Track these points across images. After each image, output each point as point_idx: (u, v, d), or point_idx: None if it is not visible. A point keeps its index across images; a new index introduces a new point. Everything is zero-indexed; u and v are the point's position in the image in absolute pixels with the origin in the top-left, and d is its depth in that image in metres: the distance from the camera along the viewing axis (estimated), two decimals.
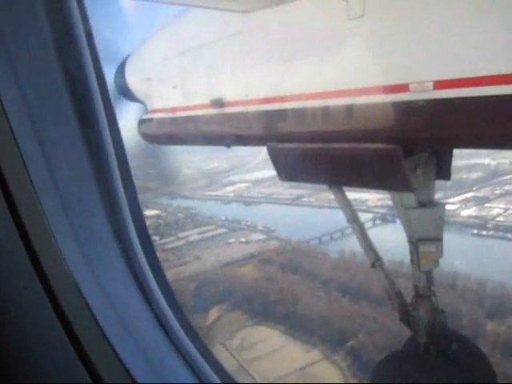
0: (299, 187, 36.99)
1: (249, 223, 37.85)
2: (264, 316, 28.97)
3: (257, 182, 42.32)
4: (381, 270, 7.63)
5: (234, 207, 41.27)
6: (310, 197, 36.86)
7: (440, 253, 6.59)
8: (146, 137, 9.70)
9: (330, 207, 31.92)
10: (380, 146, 5.41)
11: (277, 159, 6.77)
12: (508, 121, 4.30)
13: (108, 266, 1.70)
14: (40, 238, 1.50)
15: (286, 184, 38.81)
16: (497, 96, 4.21)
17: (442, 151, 6.42)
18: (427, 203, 6.42)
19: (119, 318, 1.63)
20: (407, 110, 4.89)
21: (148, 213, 34.28)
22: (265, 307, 29.39)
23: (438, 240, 6.52)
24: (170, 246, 34.93)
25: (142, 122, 9.55)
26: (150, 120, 9.32)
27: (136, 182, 1.95)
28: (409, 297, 7.22)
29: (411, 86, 4.74)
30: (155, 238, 33.38)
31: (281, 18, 6.06)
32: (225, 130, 7.39)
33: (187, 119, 8.04)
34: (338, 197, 7.59)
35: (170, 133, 9.01)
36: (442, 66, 4.61)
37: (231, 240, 36.11)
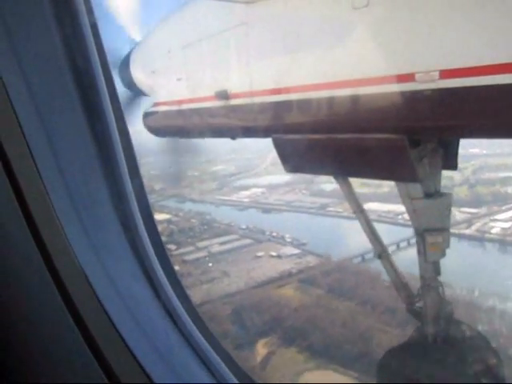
0: (321, 195, 33.89)
1: (274, 234, 33.25)
2: (328, 356, 22.53)
3: (272, 188, 37.98)
4: (387, 261, 7.64)
5: (252, 214, 36.47)
6: (336, 206, 32.21)
7: (447, 243, 6.58)
8: (151, 129, 9.71)
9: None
10: (386, 136, 5.39)
11: (282, 151, 6.76)
12: None
13: (116, 256, 1.71)
14: (49, 230, 1.50)
15: (306, 191, 36.34)
16: (504, 85, 4.18)
17: (449, 141, 6.39)
18: (434, 194, 6.39)
19: (129, 311, 1.63)
20: (413, 99, 4.87)
21: (158, 217, 30.32)
22: (326, 344, 22.96)
23: (445, 230, 6.50)
24: (190, 257, 30.47)
25: (147, 114, 9.56)
26: (155, 113, 9.32)
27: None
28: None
29: (417, 76, 4.71)
30: (171, 246, 29.58)
31: (285, 9, 6.02)
32: (230, 122, 7.38)
33: (192, 111, 8.03)
34: (344, 188, 7.58)
35: (174, 125, 9.02)
36: (447, 55, 4.57)
37: (260, 253, 31.27)
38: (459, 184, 29.96)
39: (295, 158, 6.76)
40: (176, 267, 26.14)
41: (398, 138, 5.30)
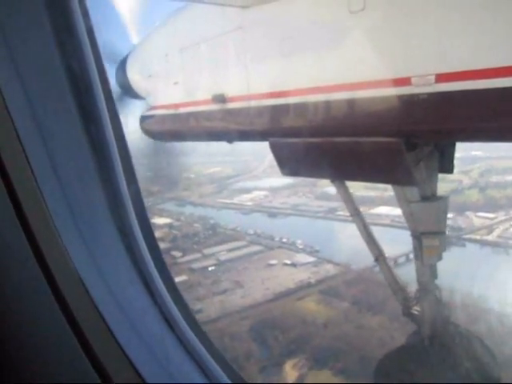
0: (326, 198, 31.75)
1: (284, 239, 30.99)
2: (369, 379, 19.08)
3: (274, 191, 36.28)
4: (384, 264, 7.65)
5: (257, 218, 34.48)
6: (345, 210, 30.42)
7: (443, 246, 6.59)
8: (148, 133, 9.72)
9: (373, 224, 25.00)
10: (382, 139, 5.40)
11: (279, 154, 6.77)
12: (510, 113, 4.29)
13: (112, 261, 1.70)
14: (45, 235, 1.50)
15: (310, 194, 34.70)
16: (499, 89, 4.20)
17: (445, 145, 6.41)
18: (430, 197, 6.41)
19: (125, 315, 1.63)
20: (409, 103, 4.88)
21: (158, 221, 29.54)
22: (364, 366, 18.91)
23: (441, 234, 6.51)
24: (198, 265, 28.15)
25: (144, 118, 9.56)
26: (151, 116, 9.32)
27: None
28: None
29: (413, 80, 4.73)
30: (176, 253, 27.82)
31: (281, 13, 6.04)
32: (227, 125, 7.38)
33: (189, 115, 8.04)
34: (341, 191, 7.60)
35: (171, 129, 9.02)
36: (443, 59, 4.59)
37: (272, 261, 28.85)
38: (469, 187, 29.65)
39: (292, 162, 6.77)
40: (184, 277, 24.75)
41: (395, 141, 5.31)
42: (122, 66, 9.99)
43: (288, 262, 28.80)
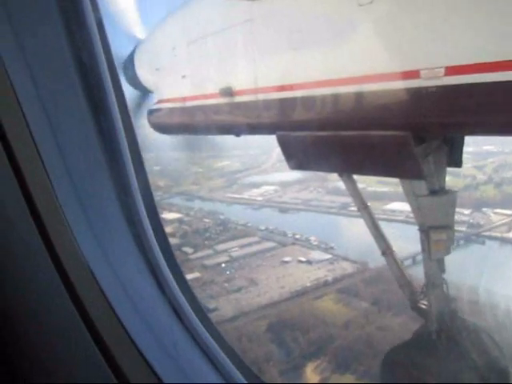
0: (338, 193, 29.95)
1: (297, 236, 29.79)
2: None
3: (284, 185, 35.25)
4: (392, 258, 7.64)
5: (268, 214, 33.52)
6: None
7: (451, 241, 6.56)
8: (156, 126, 9.73)
9: (388, 220, 24.83)
10: (391, 133, 5.38)
11: (287, 148, 6.76)
12: None
13: (122, 252, 1.71)
14: (55, 225, 1.52)
15: (321, 189, 33.43)
16: (509, 82, 4.16)
17: (454, 138, 6.37)
18: (439, 191, 6.37)
19: (135, 307, 1.63)
20: (418, 96, 4.85)
21: (168, 216, 28.96)
22: None
23: (449, 228, 6.49)
24: (210, 261, 27.35)
25: (151, 111, 9.58)
26: (159, 110, 9.34)
27: None
28: None
29: (422, 73, 4.70)
30: (187, 250, 26.95)
31: (290, 5, 6.02)
32: (234, 119, 7.38)
33: (196, 109, 8.04)
34: (349, 185, 7.59)
35: (179, 122, 9.03)
36: (453, 51, 4.55)
37: (287, 258, 27.86)
38: (484, 183, 28.99)
39: (300, 155, 6.76)
40: (196, 273, 24.36)
41: (403, 135, 5.28)
42: (130, 59, 10.01)
43: (303, 259, 27.78)
